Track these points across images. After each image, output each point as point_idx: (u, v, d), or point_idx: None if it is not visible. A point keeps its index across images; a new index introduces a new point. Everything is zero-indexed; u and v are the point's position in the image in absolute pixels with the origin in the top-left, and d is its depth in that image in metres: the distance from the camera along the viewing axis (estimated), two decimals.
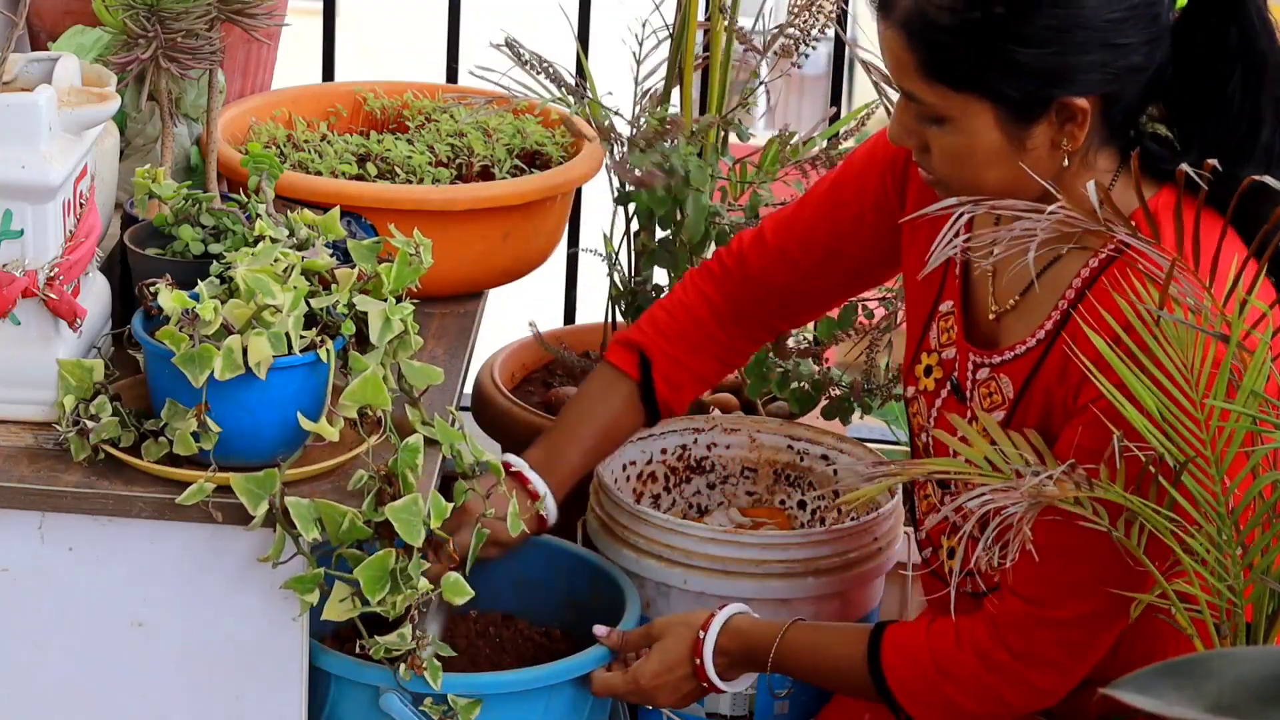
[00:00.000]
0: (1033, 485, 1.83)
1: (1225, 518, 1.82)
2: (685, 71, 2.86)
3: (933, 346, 2.25)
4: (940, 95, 2.01)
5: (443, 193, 2.59)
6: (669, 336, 2.44)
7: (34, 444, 2.17)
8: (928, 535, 2.30)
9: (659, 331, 2.44)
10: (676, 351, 2.44)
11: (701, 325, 2.44)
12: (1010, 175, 2.03)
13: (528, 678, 2.27)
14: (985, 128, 2.02)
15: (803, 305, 2.47)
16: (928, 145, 2.07)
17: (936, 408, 2.24)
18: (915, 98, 2.04)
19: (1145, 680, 1.37)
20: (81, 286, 2.23)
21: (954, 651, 2.13)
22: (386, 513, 2.06)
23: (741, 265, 2.43)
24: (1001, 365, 2.14)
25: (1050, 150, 2.03)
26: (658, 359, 2.43)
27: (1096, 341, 1.85)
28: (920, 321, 2.27)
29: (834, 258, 2.38)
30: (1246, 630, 1.83)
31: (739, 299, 2.44)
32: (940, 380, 2.24)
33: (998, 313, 2.17)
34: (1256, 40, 2.02)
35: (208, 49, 2.37)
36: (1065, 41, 1.97)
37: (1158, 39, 2.00)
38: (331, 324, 2.13)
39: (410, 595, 2.09)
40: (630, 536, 2.50)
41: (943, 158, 2.06)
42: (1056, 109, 2.00)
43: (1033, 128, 2.01)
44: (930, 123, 2.05)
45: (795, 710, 2.48)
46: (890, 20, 2.02)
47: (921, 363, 2.26)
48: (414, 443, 2.10)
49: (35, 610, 2.14)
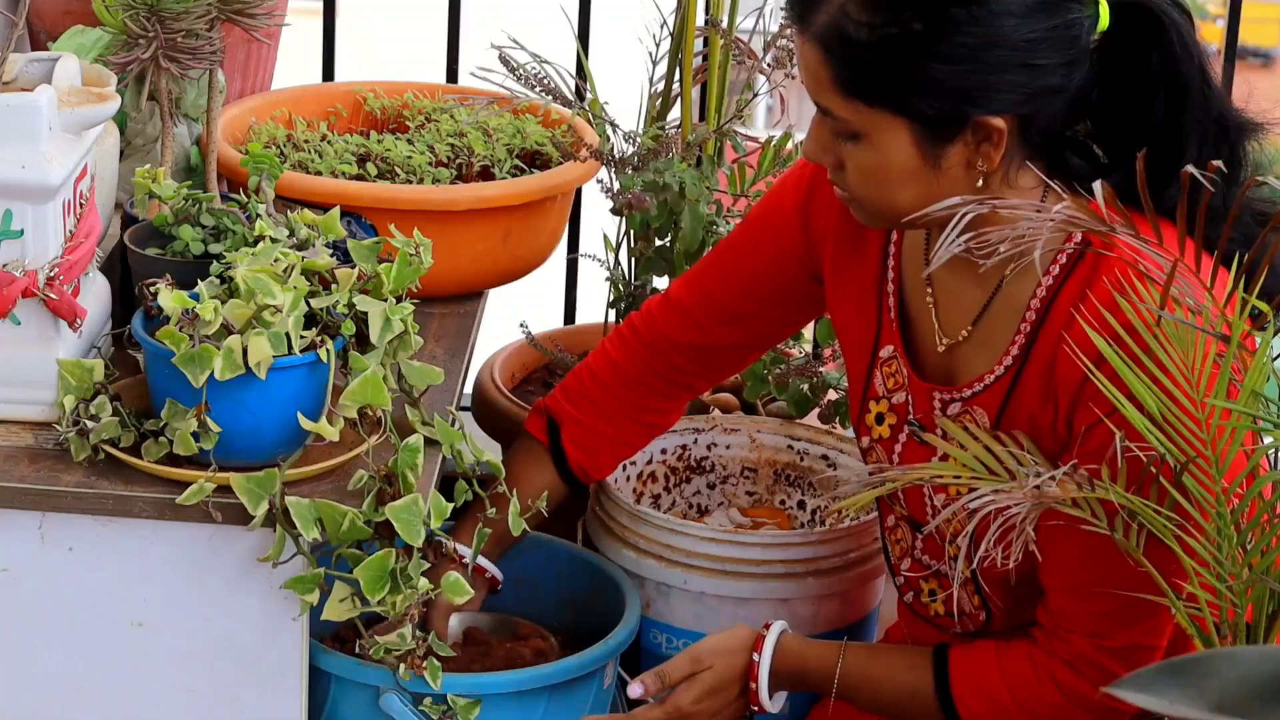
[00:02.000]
0: (1034, 486, 1.83)
1: (1225, 518, 1.82)
2: (685, 76, 2.86)
3: (879, 394, 2.23)
4: (855, 111, 2.00)
5: (443, 193, 2.59)
6: (575, 401, 2.44)
7: (34, 444, 2.17)
8: (906, 580, 2.29)
9: (568, 397, 2.44)
10: (583, 415, 2.43)
11: (607, 389, 2.43)
12: (925, 194, 2.01)
13: (528, 678, 2.27)
14: (900, 145, 2.00)
15: (712, 361, 2.44)
16: (843, 163, 2.05)
17: (897, 453, 2.23)
18: (831, 113, 2.02)
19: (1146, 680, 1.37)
20: (81, 286, 2.23)
21: (1034, 685, 2.11)
22: (387, 512, 2.06)
23: (649, 326, 2.42)
24: (973, 398, 2.13)
25: (965, 170, 2.02)
26: (566, 424, 2.43)
27: (1101, 345, 1.85)
28: (862, 371, 2.25)
29: (734, 315, 2.38)
30: (1246, 630, 1.83)
31: (645, 360, 2.42)
32: (896, 425, 2.22)
33: (949, 344, 2.17)
34: (1178, 65, 2.01)
35: (208, 49, 2.37)
36: (982, 60, 1.96)
37: (1076, 61, 1.99)
38: (332, 324, 2.13)
39: (410, 595, 2.09)
40: (630, 536, 2.50)
41: (857, 175, 2.05)
42: (972, 128, 1.99)
43: (948, 147, 2.00)
44: (846, 139, 2.03)
45: (795, 710, 2.48)
46: (807, 34, 2.01)
47: (871, 411, 2.25)
48: (414, 443, 2.10)
49: (35, 610, 2.14)
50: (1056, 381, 2.04)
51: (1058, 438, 2.06)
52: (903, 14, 1.95)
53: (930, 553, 2.24)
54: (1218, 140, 2.03)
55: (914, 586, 2.28)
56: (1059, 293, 2.05)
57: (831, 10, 1.99)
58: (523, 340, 3.03)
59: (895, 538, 2.28)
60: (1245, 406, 1.80)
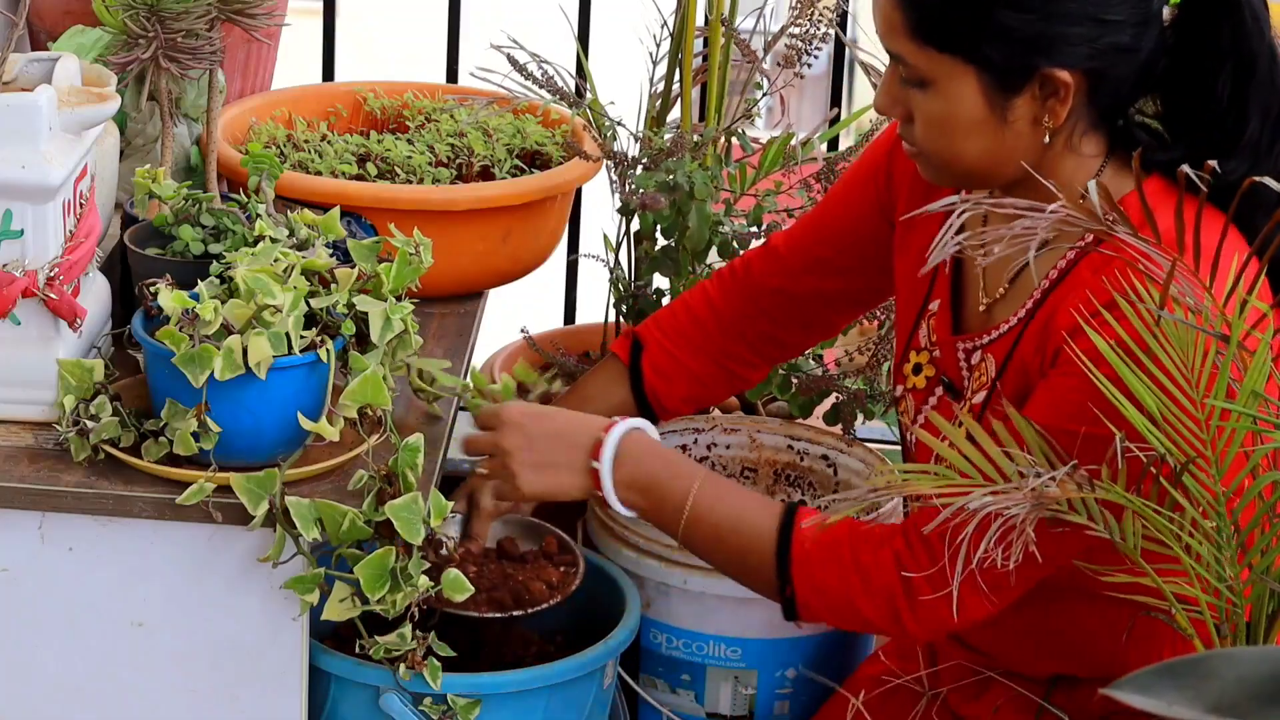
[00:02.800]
0: (1034, 487, 1.83)
1: (1225, 518, 1.82)
2: (685, 76, 2.86)
3: (922, 345, 2.26)
4: (926, 57, 2.03)
5: (443, 193, 2.59)
6: (666, 330, 2.46)
7: (34, 444, 2.17)
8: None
9: (658, 324, 2.47)
10: (671, 345, 2.45)
11: (699, 323, 2.45)
12: (990, 147, 2.05)
13: (528, 678, 2.27)
14: (968, 94, 2.03)
15: (796, 313, 2.45)
16: (911, 115, 2.08)
17: (929, 405, 2.24)
18: (902, 60, 2.05)
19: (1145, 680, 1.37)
20: (81, 286, 2.23)
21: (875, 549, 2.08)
22: (387, 511, 2.06)
23: (746, 270, 2.46)
24: (988, 345, 2.16)
25: (1032, 125, 2.04)
26: (650, 347, 2.45)
27: (1095, 339, 1.85)
28: (910, 321, 2.28)
29: (819, 261, 2.40)
30: (1246, 630, 1.83)
31: (738, 305, 2.45)
32: (932, 379, 2.24)
33: (989, 303, 2.18)
34: (1248, 39, 2.04)
35: (208, 49, 2.37)
36: (1052, 10, 1.99)
37: (1147, 23, 2.01)
38: (331, 324, 2.13)
39: (410, 594, 2.09)
40: (630, 536, 2.50)
41: (925, 126, 2.07)
42: (1040, 80, 2.02)
43: (1015, 98, 2.03)
44: (915, 86, 2.06)
45: (795, 710, 2.48)
46: None
47: (910, 361, 2.27)
48: (414, 442, 2.10)
49: (35, 610, 2.14)
50: (1051, 329, 2.05)
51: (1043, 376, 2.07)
52: None
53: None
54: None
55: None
56: (1085, 255, 2.06)
57: None
58: (523, 340, 3.03)
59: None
60: (1245, 406, 1.80)
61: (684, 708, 2.50)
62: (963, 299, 2.23)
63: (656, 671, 2.52)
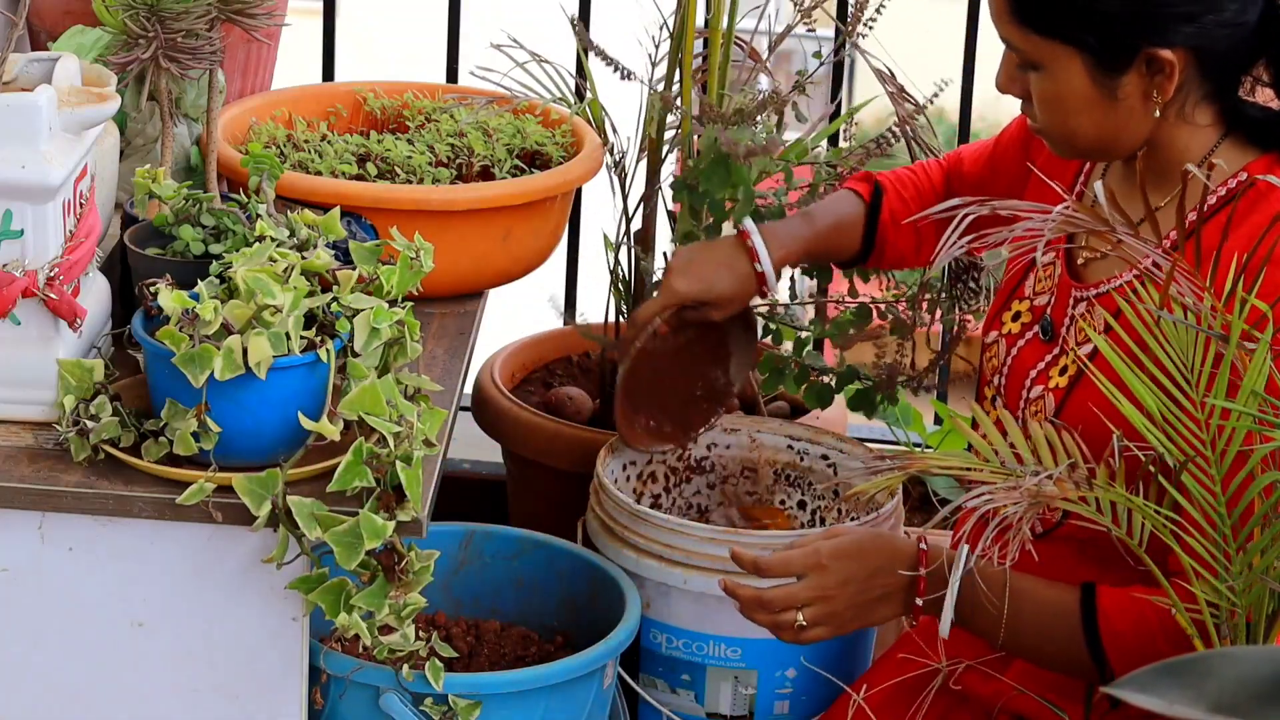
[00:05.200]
0: (1033, 484, 1.83)
1: (1225, 518, 1.82)
2: (685, 77, 2.86)
3: (1026, 294, 2.29)
4: (1031, 42, 2.09)
5: (443, 193, 2.59)
6: (903, 184, 2.55)
7: (34, 444, 2.17)
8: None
9: (897, 178, 2.55)
10: (907, 196, 2.53)
11: (933, 186, 2.54)
12: (1104, 123, 2.10)
13: (528, 678, 2.27)
14: (1075, 75, 2.08)
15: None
16: (1029, 93, 2.14)
17: (1018, 348, 2.26)
18: (1011, 44, 2.12)
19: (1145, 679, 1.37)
20: (81, 286, 2.23)
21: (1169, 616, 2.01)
22: (327, 538, 2.04)
23: (956, 165, 2.54)
24: (1097, 297, 2.18)
25: (1143, 101, 2.08)
26: (890, 193, 2.53)
27: (1097, 340, 1.86)
28: (1020, 271, 2.31)
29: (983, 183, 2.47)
30: (1246, 630, 1.83)
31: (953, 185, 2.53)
32: (1027, 324, 2.27)
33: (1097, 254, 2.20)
34: None
35: (208, 49, 2.37)
36: None
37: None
38: (328, 323, 2.13)
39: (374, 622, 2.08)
40: (630, 536, 2.50)
41: (1041, 104, 2.13)
42: (1144, 60, 2.06)
43: (1121, 77, 2.07)
44: (1028, 69, 2.12)
45: (795, 710, 2.48)
46: None
47: (1011, 309, 2.30)
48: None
49: (35, 610, 2.14)
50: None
51: None
52: None
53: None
54: None
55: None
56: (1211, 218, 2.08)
57: None
58: (522, 340, 3.03)
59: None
60: (1245, 406, 1.80)
61: (684, 708, 2.50)
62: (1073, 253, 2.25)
63: (656, 671, 2.52)
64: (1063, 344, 2.20)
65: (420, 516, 2.07)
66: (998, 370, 2.28)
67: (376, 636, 2.13)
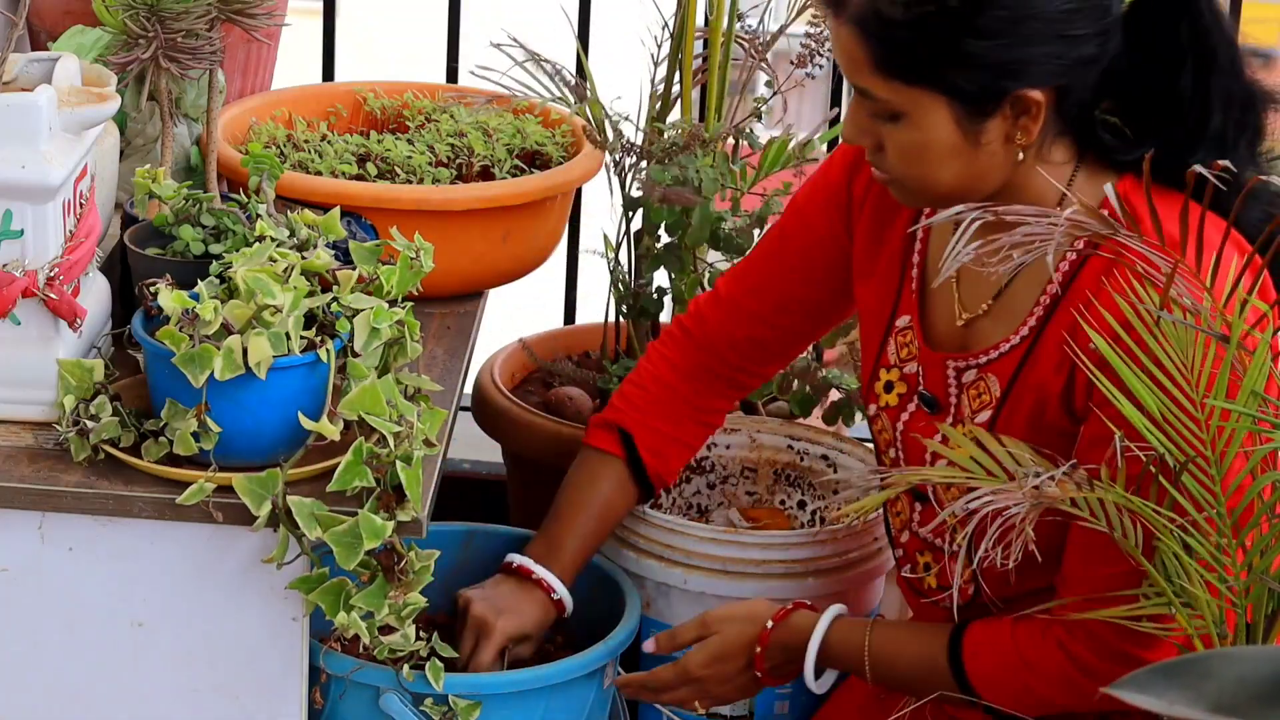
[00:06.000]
0: (1034, 485, 1.83)
1: (1225, 518, 1.82)
2: (685, 77, 2.86)
3: (891, 362, 2.25)
4: (895, 91, 2.02)
5: (443, 193, 2.59)
6: (643, 409, 2.44)
7: (34, 444, 2.17)
8: (905, 551, 2.30)
9: (633, 406, 2.45)
10: (654, 422, 2.44)
11: (672, 390, 2.45)
12: (965, 171, 2.04)
13: (528, 678, 2.27)
14: (940, 123, 2.02)
15: (764, 355, 2.46)
16: (882, 144, 2.07)
17: (903, 421, 2.24)
18: (870, 95, 2.04)
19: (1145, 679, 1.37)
20: (81, 286, 2.23)
21: (1041, 647, 2.11)
22: (327, 538, 2.05)
23: (700, 325, 2.44)
24: (988, 365, 2.15)
25: (1005, 144, 2.04)
26: (638, 432, 2.44)
27: (1098, 341, 1.85)
28: (877, 339, 2.27)
29: (787, 301, 2.39)
30: (1246, 630, 1.83)
31: (701, 359, 2.44)
32: (905, 395, 2.24)
33: (969, 318, 2.17)
34: (1207, 34, 2.04)
35: (208, 49, 2.37)
36: (1018, 33, 1.98)
37: (1109, 30, 2.02)
38: (329, 323, 2.13)
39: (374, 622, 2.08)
40: (630, 536, 2.50)
41: (898, 155, 2.06)
42: (1011, 102, 2.01)
43: (987, 122, 2.02)
44: (885, 120, 2.05)
45: (795, 710, 2.48)
46: (842, 17, 2.03)
47: (881, 379, 2.26)
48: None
49: (35, 610, 2.14)
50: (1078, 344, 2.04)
51: (1066, 409, 2.07)
52: None
53: (927, 525, 2.24)
54: (1244, 109, 2.06)
55: (911, 559, 2.29)
56: (1085, 264, 2.06)
57: None
58: (523, 340, 3.03)
59: (895, 510, 2.29)
60: (1245, 406, 1.80)
61: None
62: (931, 314, 2.22)
63: None
64: (956, 414, 2.18)
65: (420, 516, 2.07)
66: (891, 444, 2.27)
67: (376, 636, 2.13)
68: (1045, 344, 2.09)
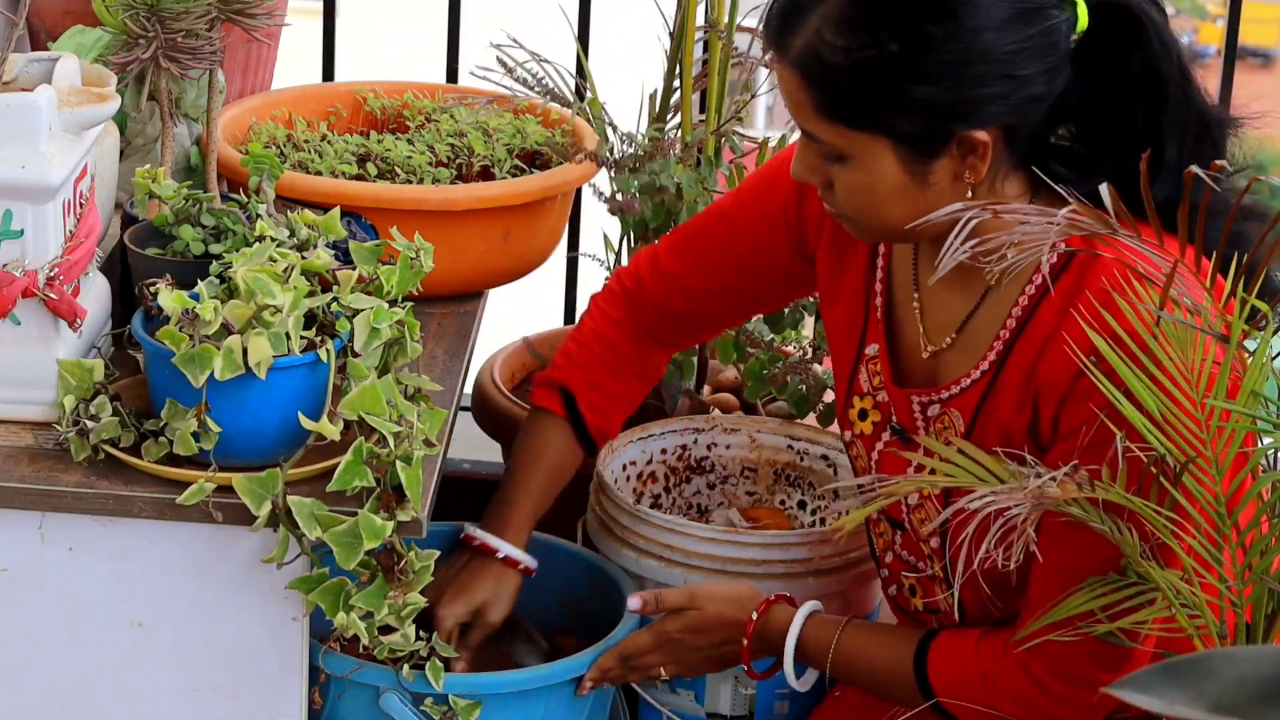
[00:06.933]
0: (1035, 486, 1.82)
1: (1225, 518, 1.82)
2: (685, 77, 2.86)
3: (864, 390, 2.24)
4: (838, 134, 2.01)
5: (442, 193, 2.59)
6: (584, 365, 2.45)
7: (34, 444, 2.17)
8: (890, 572, 2.30)
9: (574, 363, 2.46)
10: (595, 378, 2.45)
11: (613, 347, 2.46)
12: (913, 210, 2.01)
13: (528, 678, 2.27)
14: (886, 165, 2.01)
15: (704, 326, 2.50)
16: (831, 182, 2.06)
17: (878, 450, 2.24)
18: (815, 138, 2.03)
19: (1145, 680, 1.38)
20: (81, 286, 2.23)
21: (1001, 663, 2.11)
22: (326, 538, 2.05)
23: (639, 287, 2.45)
24: (950, 400, 2.14)
25: (952, 183, 2.02)
26: (579, 389, 2.45)
27: (1099, 343, 1.85)
28: (848, 365, 2.27)
29: (724, 289, 2.39)
30: (1246, 630, 1.83)
31: (639, 318, 2.46)
32: (879, 424, 2.23)
33: (934, 350, 2.17)
34: (1158, 63, 2.02)
35: (208, 49, 2.37)
36: (963, 76, 1.95)
37: (1057, 67, 1.99)
38: (329, 323, 2.13)
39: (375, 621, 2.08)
40: (630, 536, 2.50)
41: (846, 195, 2.05)
42: (957, 143, 1.99)
43: (934, 163, 2.00)
44: (832, 161, 2.04)
45: (795, 710, 2.48)
46: (785, 60, 2.01)
47: (855, 407, 2.26)
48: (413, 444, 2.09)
49: (35, 610, 2.14)
50: (1039, 382, 2.04)
51: (1033, 443, 2.06)
52: (878, 36, 1.95)
53: (909, 549, 2.24)
54: (1199, 136, 2.04)
55: (896, 580, 2.29)
56: (1043, 299, 2.05)
57: (808, 35, 1.98)
58: (523, 340, 3.03)
59: (878, 531, 2.29)
60: (1245, 406, 1.80)
61: (684, 708, 2.50)
62: (899, 344, 2.22)
63: None
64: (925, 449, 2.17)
65: (420, 516, 2.08)
66: (866, 470, 2.27)
67: (376, 636, 2.13)
68: (1005, 380, 2.08)
